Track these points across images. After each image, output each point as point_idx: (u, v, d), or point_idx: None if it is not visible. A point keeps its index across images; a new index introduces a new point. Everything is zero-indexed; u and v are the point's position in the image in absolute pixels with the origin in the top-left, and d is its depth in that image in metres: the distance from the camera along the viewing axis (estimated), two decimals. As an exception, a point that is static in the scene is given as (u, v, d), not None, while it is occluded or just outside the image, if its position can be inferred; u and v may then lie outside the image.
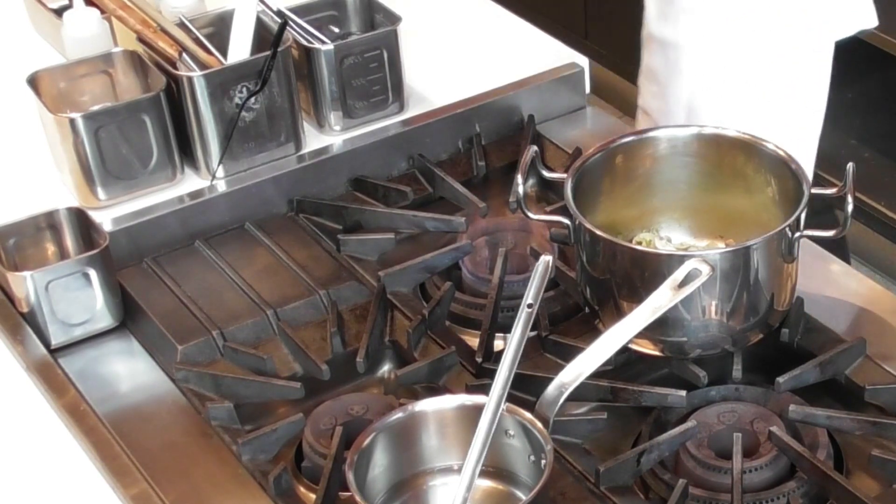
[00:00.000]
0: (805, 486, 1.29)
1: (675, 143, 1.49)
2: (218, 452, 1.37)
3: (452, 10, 2.07)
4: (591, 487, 1.31)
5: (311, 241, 1.67)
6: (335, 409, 1.38)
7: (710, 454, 1.31)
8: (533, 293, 1.30)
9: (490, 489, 1.28)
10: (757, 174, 1.46)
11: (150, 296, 1.57)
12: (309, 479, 1.34)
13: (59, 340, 1.51)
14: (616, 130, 1.77)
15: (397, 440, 1.27)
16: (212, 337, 1.50)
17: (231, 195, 1.69)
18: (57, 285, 1.49)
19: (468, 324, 1.54)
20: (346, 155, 1.76)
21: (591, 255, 1.39)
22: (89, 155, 1.64)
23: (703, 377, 1.40)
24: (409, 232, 1.66)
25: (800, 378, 1.38)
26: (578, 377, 1.30)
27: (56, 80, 1.72)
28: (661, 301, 1.31)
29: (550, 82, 1.87)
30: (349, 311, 1.55)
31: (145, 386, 1.47)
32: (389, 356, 1.51)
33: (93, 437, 1.38)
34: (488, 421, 1.23)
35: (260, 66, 1.67)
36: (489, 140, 1.83)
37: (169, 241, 1.66)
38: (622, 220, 1.51)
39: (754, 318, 1.39)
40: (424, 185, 1.75)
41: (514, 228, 1.63)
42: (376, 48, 1.76)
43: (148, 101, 1.66)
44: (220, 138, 1.69)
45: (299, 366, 1.48)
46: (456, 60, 1.95)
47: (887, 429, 1.34)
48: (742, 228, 1.47)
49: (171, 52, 1.70)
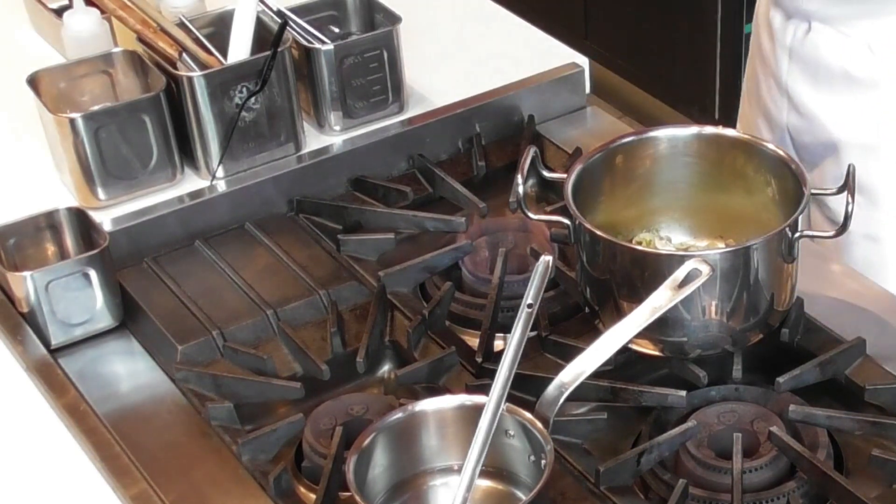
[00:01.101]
0: (805, 486, 1.29)
1: (675, 143, 1.49)
2: (218, 452, 1.37)
3: (452, 10, 2.07)
4: (591, 487, 1.31)
5: (311, 241, 1.67)
6: (335, 409, 1.38)
7: (710, 454, 1.31)
8: (533, 293, 1.30)
9: (490, 489, 1.28)
10: (757, 174, 1.46)
11: (150, 296, 1.57)
12: (309, 479, 1.34)
13: (59, 340, 1.51)
14: (616, 130, 1.77)
15: (397, 440, 1.27)
16: (212, 337, 1.50)
17: (231, 195, 1.69)
18: (57, 285, 1.49)
19: (468, 324, 1.54)
20: (346, 155, 1.76)
21: (591, 255, 1.39)
22: (89, 155, 1.64)
23: (703, 377, 1.40)
24: (409, 232, 1.66)
25: (800, 378, 1.38)
26: (578, 377, 1.30)
27: (56, 80, 1.72)
28: (661, 301, 1.31)
29: (550, 82, 1.87)
30: (349, 311, 1.55)
31: (145, 386, 1.47)
32: (389, 356, 1.51)
33: (93, 437, 1.38)
34: (488, 421, 1.23)
35: (260, 66, 1.67)
36: (489, 140, 1.83)
37: (169, 241, 1.66)
38: (622, 220, 1.51)
39: (754, 318, 1.39)
40: (424, 185, 1.75)
41: (514, 228, 1.63)
42: (376, 48, 1.76)
43: (148, 101, 1.66)
44: (220, 138, 1.69)
45: (299, 366, 1.48)
46: (456, 60, 1.95)
47: (887, 429, 1.34)
48: (742, 228, 1.47)
49: (171, 52, 1.70)
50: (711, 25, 3.45)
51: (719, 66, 3.49)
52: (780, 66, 1.82)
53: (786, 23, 1.79)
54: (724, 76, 3.50)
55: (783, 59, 1.81)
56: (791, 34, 1.78)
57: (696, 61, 3.59)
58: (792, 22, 1.78)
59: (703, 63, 3.56)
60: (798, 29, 1.78)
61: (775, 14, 1.82)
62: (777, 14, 1.81)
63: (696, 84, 3.63)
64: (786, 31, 1.79)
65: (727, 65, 3.49)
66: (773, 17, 1.82)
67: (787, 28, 1.79)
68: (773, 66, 1.83)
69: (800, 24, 1.77)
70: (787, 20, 1.79)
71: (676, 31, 3.63)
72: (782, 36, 1.80)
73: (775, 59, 1.82)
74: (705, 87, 3.59)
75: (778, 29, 1.81)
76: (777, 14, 1.81)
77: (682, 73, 3.66)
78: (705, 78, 3.57)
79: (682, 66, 3.65)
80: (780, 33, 1.80)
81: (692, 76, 3.63)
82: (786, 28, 1.79)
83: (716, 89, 3.55)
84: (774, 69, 1.83)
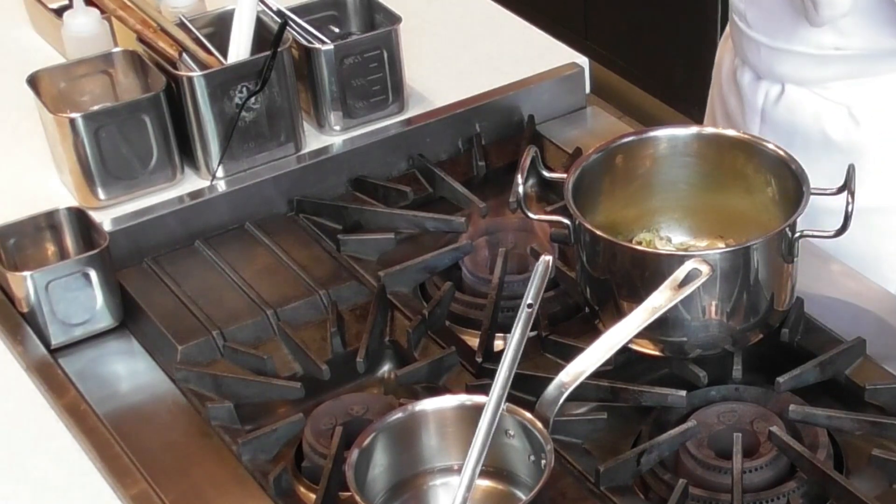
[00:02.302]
0: (805, 486, 1.29)
1: (675, 143, 1.49)
2: (218, 452, 1.37)
3: (452, 10, 2.07)
4: (591, 487, 1.31)
5: (311, 241, 1.67)
6: (335, 409, 1.38)
7: (710, 454, 1.31)
8: (533, 293, 1.30)
9: (490, 489, 1.28)
10: (757, 174, 1.46)
11: (150, 296, 1.57)
12: (309, 479, 1.34)
13: (59, 340, 1.51)
14: (616, 130, 1.77)
15: (397, 440, 1.27)
16: (212, 337, 1.50)
17: (231, 195, 1.69)
18: (57, 285, 1.49)
19: (468, 324, 1.54)
20: (346, 155, 1.76)
21: (591, 255, 1.39)
22: (89, 155, 1.64)
23: (703, 377, 1.40)
24: (409, 232, 1.66)
25: (800, 378, 1.38)
26: (578, 377, 1.30)
27: (56, 80, 1.72)
28: (661, 301, 1.31)
29: (550, 82, 1.87)
30: (349, 311, 1.55)
31: (145, 386, 1.47)
32: (389, 356, 1.51)
33: (93, 437, 1.38)
34: (488, 421, 1.23)
35: (260, 66, 1.67)
36: (489, 140, 1.83)
37: (169, 241, 1.66)
38: (622, 220, 1.51)
39: (754, 318, 1.39)
40: (424, 185, 1.75)
41: (514, 228, 1.63)
42: (376, 48, 1.76)
43: (148, 101, 1.66)
44: (220, 138, 1.69)
45: (299, 366, 1.48)
46: (456, 60, 1.95)
47: (887, 429, 1.34)
48: (742, 228, 1.47)
49: (171, 52, 1.70)
50: (711, 25, 3.45)
51: (719, 66, 3.49)
52: (751, 127, 1.75)
53: (756, 83, 1.73)
54: (724, 76, 3.50)
55: (753, 120, 1.75)
56: (762, 96, 1.72)
57: (696, 61, 3.59)
58: (763, 83, 1.72)
59: (703, 63, 3.55)
60: (770, 90, 1.72)
61: (743, 74, 1.75)
62: (746, 74, 1.75)
63: (696, 84, 3.63)
64: (756, 92, 1.73)
65: (727, 65, 3.49)
66: (741, 76, 1.75)
67: (759, 89, 1.73)
68: (742, 126, 1.76)
69: (772, 85, 1.72)
70: (758, 81, 1.73)
71: (676, 31, 3.63)
72: (752, 97, 1.73)
73: (744, 120, 1.76)
74: (705, 87, 3.58)
75: (747, 89, 1.75)
76: (746, 74, 1.75)
77: (682, 73, 3.66)
78: (705, 78, 3.56)
79: (682, 66, 3.65)
80: (750, 94, 1.74)
81: (692, 76, 3.63)
82: (756, 89, 1.73)
83: (716, 89, 3.55)
84: (743, 129, 1.75)
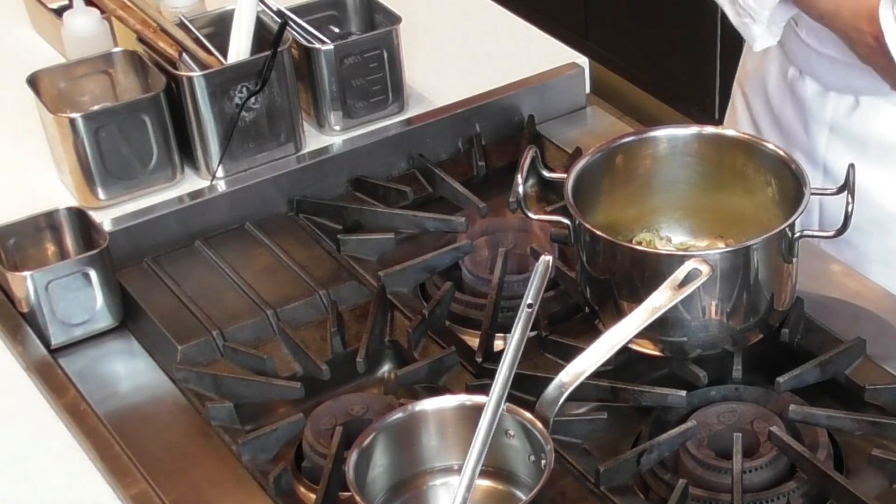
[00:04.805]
0: (805, 486, 1.29)
1: (675, 143, 1.49)
2: (218, 452, 1.37)
3: (452, 10, 2.07)
4: (591, 487, 1.31)
5: (311, 241, 1.67)
6: (335, 409, 1.38)
7: (710, 454, 1.31)
8: (533, 293, 1.30)
9: (490, 489, 1.28)
10: (757, 174, 1.46)
11: (150, 296, 1.57)
12: (309, 479, 1.34)
13: (59, 340, 1.51)
14: (616, 130, 1.78)
15: (397, 440, 1.27)
16: (212, 337, 1.50)
17: (231, 195, 1.69)
18: (57, 285, 1.49)
19: (468, 324, 1.54)
20: (346, 155, 1.76)
21: (591, 255, 1.39)
22: (89, 155, 1.64)
23: (703, 377, 1.40)
24: (409, 232, 1.66)
25: (800, 378, 1.38)
26: (578, 377, 1.30)
27: (56, 80, 1.72)
28: (661, 301, 1.31)
29: (550, 82, 1.87)
30: (349, 311, 1.55)
31: (145, 386, 1.47)
32: (389, 356, 1.51)
33: (93, 437, 1.38)
34: (488, 421, 1.23)
35: (260, 66, 1.67)
36: (489, 140, 1.83)
37: (169, 241, 1.66)
38: (622, 220, 1.51)
39: (754, 318, 1.39)
40: (424, 185, 1.75)
41: (514, 228, 1.63)
42: (376, 48, 1.76)
43: (148, 101, 1.66)
44: (220, 138, 1.69)
45: (299, 366, 1.48)
46: (456, 60, 1.95)
47: (887, 429, 1.34)
48: (742, 228, 1.47)
49: (171, 52, 1.70)
50: (711, 25, 3.46)
51: (719, 66, 3.49)
52: (816, 139, 1.70)
53: (823, 95, 1.67)
54: (724, 76, 3.50)
55: (821, 132, 1.69)
56: (831, 108, 1.67)
57: (696, 61, 3.59)
58: (831, 94, 1.66)
59: (703, 63, 3.56)
60: (840, 103, 1.66)
61: (805, 86, 1.69)
62: (809, 85, 1.69)
63: (696, 84, 3.63)
64: (824, 104, 1.67)
65: (727, 65, 3.48)
66: (801, 88, 1.69)
67: (826, 101, 1.67)
68: (804, 138, 1.71)
69: (842, 97, 1.66)
70: (826, 93, 1.67)
71: (676, 31, 3.63)
72: (819, 109, 1.68)
73: (808, 133, 1.71)
74: (705, 87, 3.59)
75: (812, 102, 1.69)
76: (809, 85, 1.69)
77: (682, 73, 3.66)
78: (705, 78, 3.57)
79: (682, 66, 3.65)
80: (816, 106, 1.68)
81: (692, 76, 3.63)
82: (824, 101, 1.67)
83: (716, 89, 3.55)
84: (805, 142, 1.71)
